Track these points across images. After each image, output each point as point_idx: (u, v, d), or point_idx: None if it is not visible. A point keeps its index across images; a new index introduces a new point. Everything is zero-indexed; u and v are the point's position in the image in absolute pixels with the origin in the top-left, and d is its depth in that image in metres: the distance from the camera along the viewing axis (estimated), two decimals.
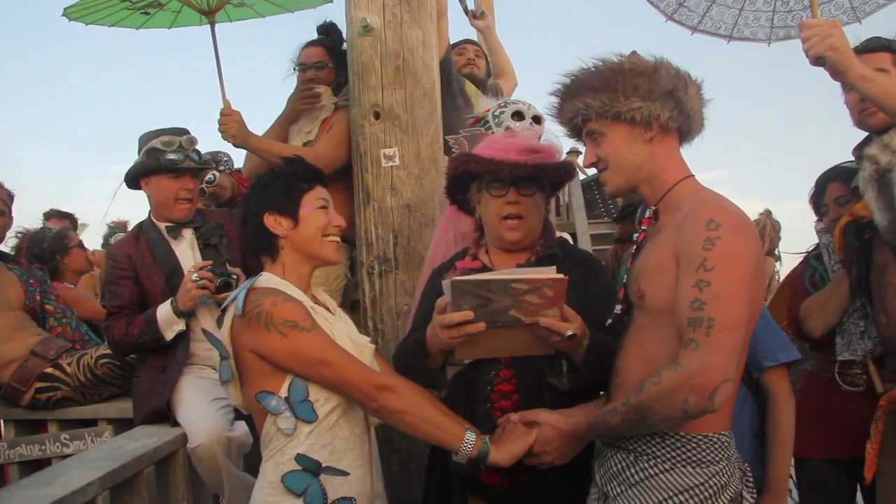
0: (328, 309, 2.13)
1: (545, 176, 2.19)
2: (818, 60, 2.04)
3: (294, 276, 2.05)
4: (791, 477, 2.67)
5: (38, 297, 3.59)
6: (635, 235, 1.95)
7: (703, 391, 1.56)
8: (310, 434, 1.93)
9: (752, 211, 6.18)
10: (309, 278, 2.11)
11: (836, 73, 2.04)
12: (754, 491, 1.83)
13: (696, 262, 1.62)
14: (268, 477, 1.95)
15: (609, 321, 1.97)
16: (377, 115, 3.13)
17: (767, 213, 5.71)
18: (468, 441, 1.89)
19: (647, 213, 1.92)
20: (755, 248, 1.69)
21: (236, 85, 3.66)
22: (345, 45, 3.57)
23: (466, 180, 2.28)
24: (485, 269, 2.24)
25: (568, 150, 12.93)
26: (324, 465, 1.93)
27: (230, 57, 3.43)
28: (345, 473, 1.95)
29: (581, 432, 1.83)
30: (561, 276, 1.81)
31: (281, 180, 2.09)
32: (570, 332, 1.87)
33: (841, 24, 2.05)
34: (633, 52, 1.86)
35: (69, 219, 5.34)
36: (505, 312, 1.83)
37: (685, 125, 1.83)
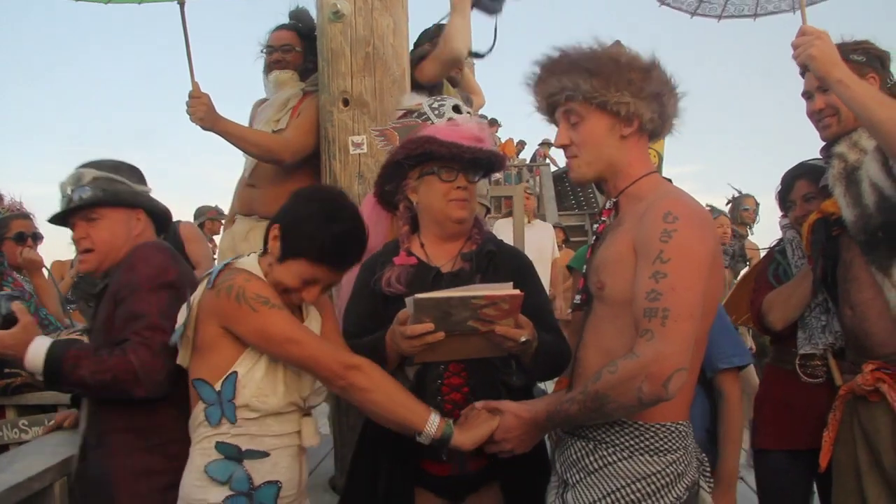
0: (300, 310, 2.11)
1: (492, 163, 2.28)
2: (803, 67, 2.17)
3: (271, 279, 1.99)
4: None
5: None
6: (595, 226, 1.96)
7: (656, 380, 1.58)
8: (232, 429, 1.93)
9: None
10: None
11: (819, 79, 2.14)
12: (711, 481, 1.87)
13: (653, 253, 1.65)
14: (195, 463, 1.94)
15: (570, 311, 2.01)
16: (346, 102, 3.11)
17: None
18: (432, 422, 1.90)
19: (608, 205, 1.93)
20: (711, 240, 1.71)
21: (207, 69, 3.60)
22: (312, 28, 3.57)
23: (405, 167, 2.29)
24: (421, 263, 2.25)
25: (540, 141, 12.98)
26: (244, 448, 1.92)
27: (199, 44, 3.38)
28: (266, 454, 1.94)
29: (541, 421, 1.84)
30: (517, 292, 1.88)
31: (313, 226, 1.95)
32: (524, 339, 1.96)
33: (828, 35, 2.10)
34: (617, 42, 1.88)
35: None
36: (463, 323, 1.91)
37: (659, 130, 1.86)
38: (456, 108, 2.46)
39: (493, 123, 12.29)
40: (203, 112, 3.23)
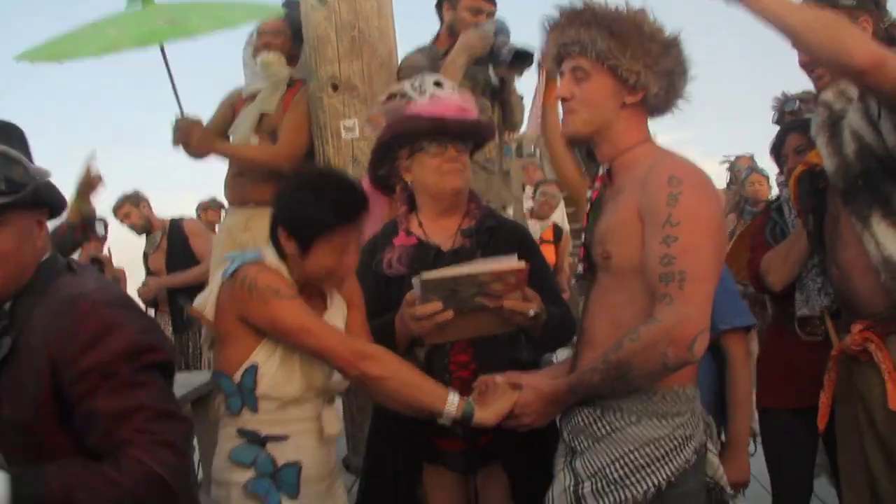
0: (319, 304, 2.09)
1: (480, 132, 2.29)
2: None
3: (293, 277, 1.99)
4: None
5: None
6: (589, 192, 1.95)
7: (681, 343, 1.59)
8: (254, 417, 1.95)
9: (719, 171, 6.23)
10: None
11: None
12: (718, 443, 1.89)
13: (661, 218, 1.64)
14: (222, 447, 1.99)
15: (573, 281, 2.03)
16: (335, 87, 3.12)
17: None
18: (451, 402, 1.88)
19: (601, 171, 1.91)
20: (715, 201, 1.72)
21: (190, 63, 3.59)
22: None
23: (395, 149, 2.29)
24: (421, 243, 2.26)
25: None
26: (264, 434, 1.95)
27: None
28: (286, 437, 1.96)
29: (562, 393, 1.82)
30: (522, 264, 1.90)
31: (309, 206, 1.92)
32: (533, 312, 1.97)
33: None
34: (643, 10, 1.82)
35: None
36: (471, 300, 1.92)
37: (662, 107, 1.85)
38: (437, 84, 2.44)
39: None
40: (196, 140, 3.29)
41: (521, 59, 3.22)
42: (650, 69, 1.76)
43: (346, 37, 3.12)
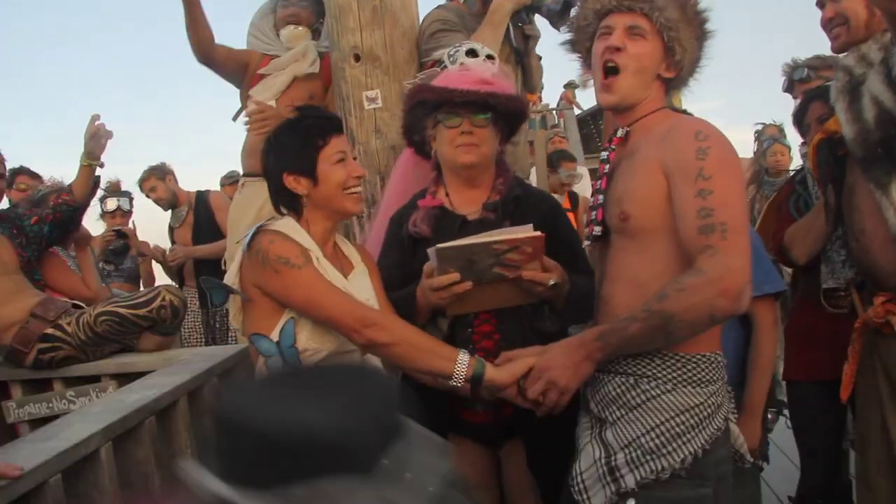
0: (346, 264, 2.15)
1: (498, 104, 2.22)
2: None
3: (316, 231, 2.06)
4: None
5: (25, 253, 3.54)
6: (605, 154, 1.92)
7: (730, 294, 1.57)
8: None
9: (746, 139, 6.09)
10: (332, 232, 2.12)
11: None
12: (736, 411, 1.88)
13: (692, 172, 1.63)
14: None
15: (586, 244, 2.01)
16: (357, 58, 3.09)
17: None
18: (462, 361, 1.88)
19: (620, 133, 1.88)
20: (739, 159, 1.73)
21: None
22: None
23: (423, 118, 2.30)
24: (443, 208, 2.27)
25: (565, 82, 12.70)
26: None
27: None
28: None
29: (589, 342, 1.74)
30: (538, 233, 1.89)
31: (295, 137, 2.04)
32: (552, 282, 1.97)
33: None
34: None
35: (38, 178, 4.94)
36: (489, 270, 1.92)
37: (678, 81, 1.87)
38: (471, 52, 2.44)
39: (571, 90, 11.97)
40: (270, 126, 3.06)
41: (569, 7, 3.10)
42: (693, 51, 1.81)
43: (367, 6, 3.08)
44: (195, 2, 3.32)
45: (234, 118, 3.87)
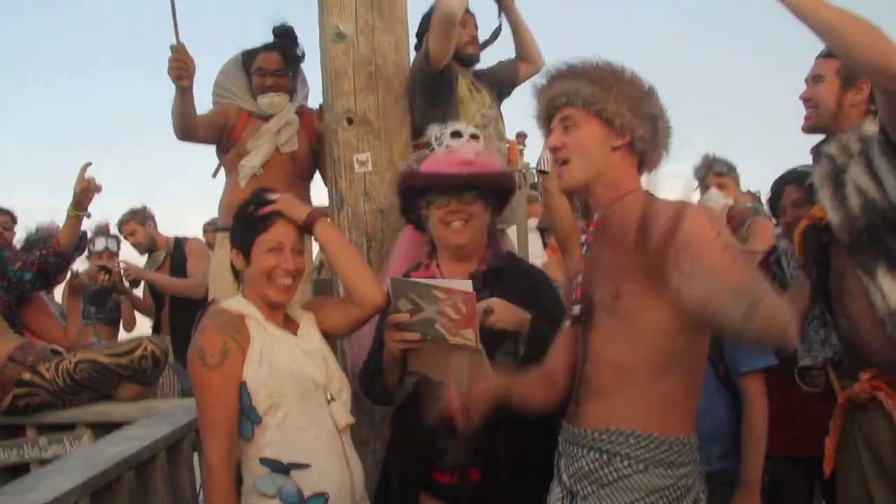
0: (291, 324, 2.28)
1: (483, 184, 2.35)
2: None
3: (255, 304, 2.19)
4: None
5: (5, 296, 3.54)
6: (584, 237, 1.98)
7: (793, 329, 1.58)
8: (265, 436, 2.07)
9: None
10: (270, 308, 2.22)
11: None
12: (706, 491, 1.90)
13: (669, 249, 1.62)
14: (246, 482, 2.10)
15: (567, 323, 2.03)
16: (350, 121, 3.16)
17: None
18: None
19: (595, 217, 1.94)
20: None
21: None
22: (300, 49, 3.75)
23: (415, 200, 2.43)
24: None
25: (516, 132, 12.77)
26: (286, 462, 2.05)
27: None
28: (309, 465, 2.07)
29: None
30: (470, 291, 1.98)
31: (244, 217, 2.21)
32: (486, 307, 2.12)
33: None
34: (620, 63, 1.92)
35: (7, 214, 4.96)
36: (432, 325, 2.03)
37: (648, 155, 1.90)
38: (455, 134, 2.58)
39: (521, 136, 12.17)
40: (184, 72, 3.21)
41: None
42: (634, 112, 1.84)
43: (363, 72, 3.17)
44: (189, 92, 3.33)
45: (214, 175, 3.95)
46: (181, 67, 3.21)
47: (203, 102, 3.74)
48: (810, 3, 1.89)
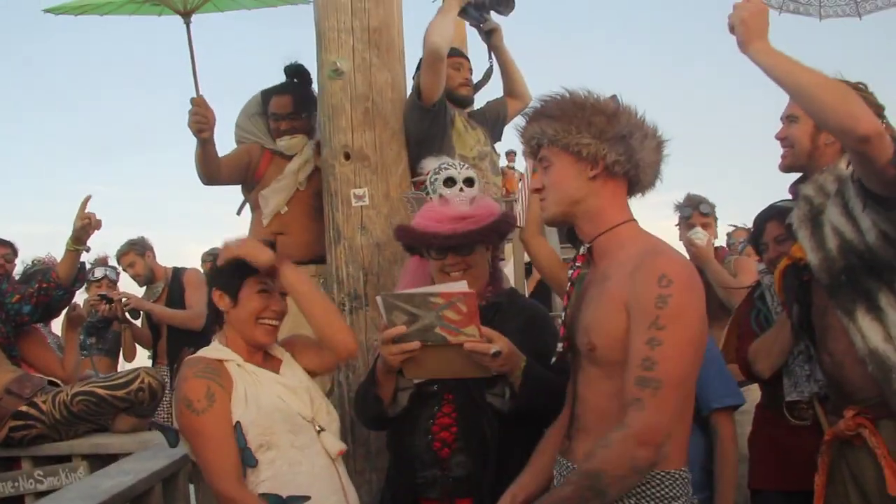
0: (275, 362, 2.33)
1: (478, 239, 2.37)
2: (731, 29, 2.03)
3: (235, 346, 2.24)
4: None
5: (3, 328, 3.56)
6: (570, 272, 1.99)
7: (650, 448, 1.65)
8: (260, 475, 2.12)
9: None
10: (251, 348, 2.27)
11: (740, 45, 2.01)
12: None
13: (648, 318, 1.70)
14: None
15: (553, 360, 2.05)
16: (347, 156, 3.21)
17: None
18: None
19: (581, 251, 1.96)
20: (703, 301, 1.79)
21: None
22: (313, 88, 3.70)
23: (413, 247, 2.51)
24: None
25: (506, 150, 12.79)
26: (286, 496, 2.10)
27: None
28: (307, 498, 2.11)
29: None
30: (469, 290, 2.02)
31: (234, 259, 2.25)
32: (494, 350, 2.06)
33: (836, 15, 2.10)
34: (613, 96, 1.94)
35: (9, 246, 4.66)
36: (432, 330, 2.04)
37: (633, 174, 1.89)
38: (448, 181, 2.58)
39: (510, 154, 12.26)
40: (204, 125, 3.24)
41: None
42: (600, 139, 1.84)
43: (360, 107, 3.23)
44: (210, 143, 3.36)
45: (238, 212, 3.97)
46: (201, 121, 3.24)
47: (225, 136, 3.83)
48: (783, 66, 1.95)
